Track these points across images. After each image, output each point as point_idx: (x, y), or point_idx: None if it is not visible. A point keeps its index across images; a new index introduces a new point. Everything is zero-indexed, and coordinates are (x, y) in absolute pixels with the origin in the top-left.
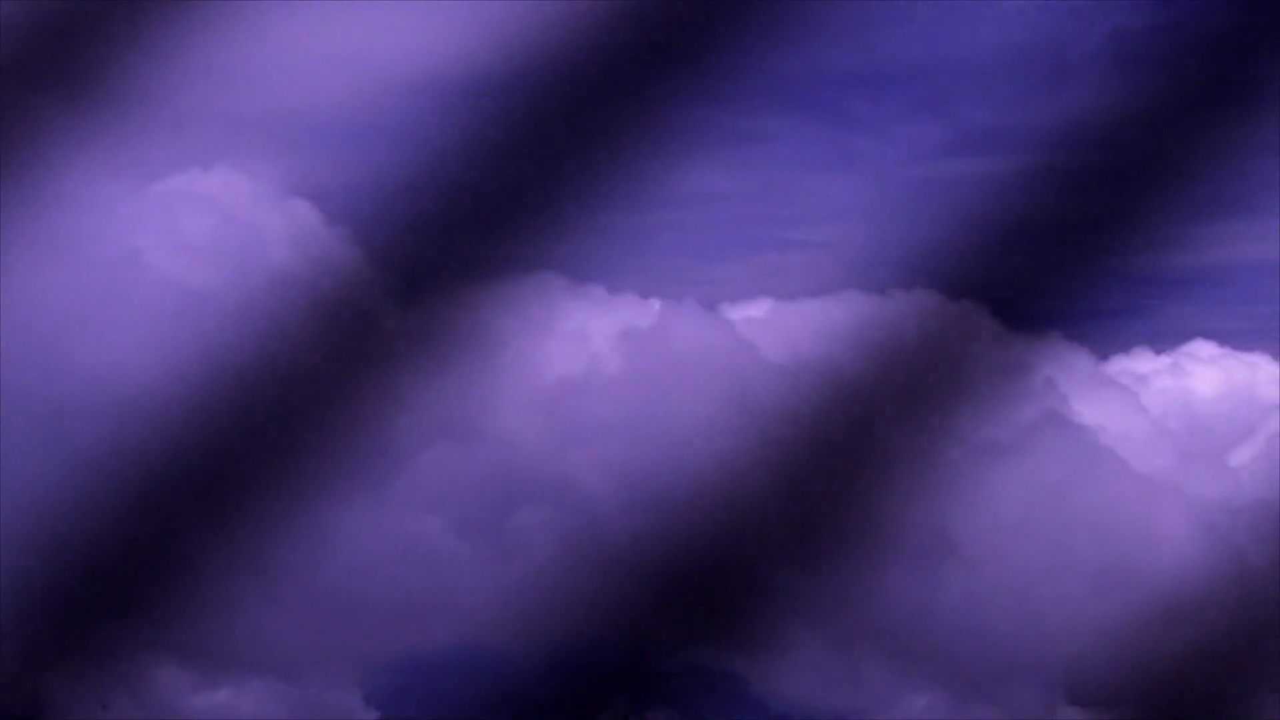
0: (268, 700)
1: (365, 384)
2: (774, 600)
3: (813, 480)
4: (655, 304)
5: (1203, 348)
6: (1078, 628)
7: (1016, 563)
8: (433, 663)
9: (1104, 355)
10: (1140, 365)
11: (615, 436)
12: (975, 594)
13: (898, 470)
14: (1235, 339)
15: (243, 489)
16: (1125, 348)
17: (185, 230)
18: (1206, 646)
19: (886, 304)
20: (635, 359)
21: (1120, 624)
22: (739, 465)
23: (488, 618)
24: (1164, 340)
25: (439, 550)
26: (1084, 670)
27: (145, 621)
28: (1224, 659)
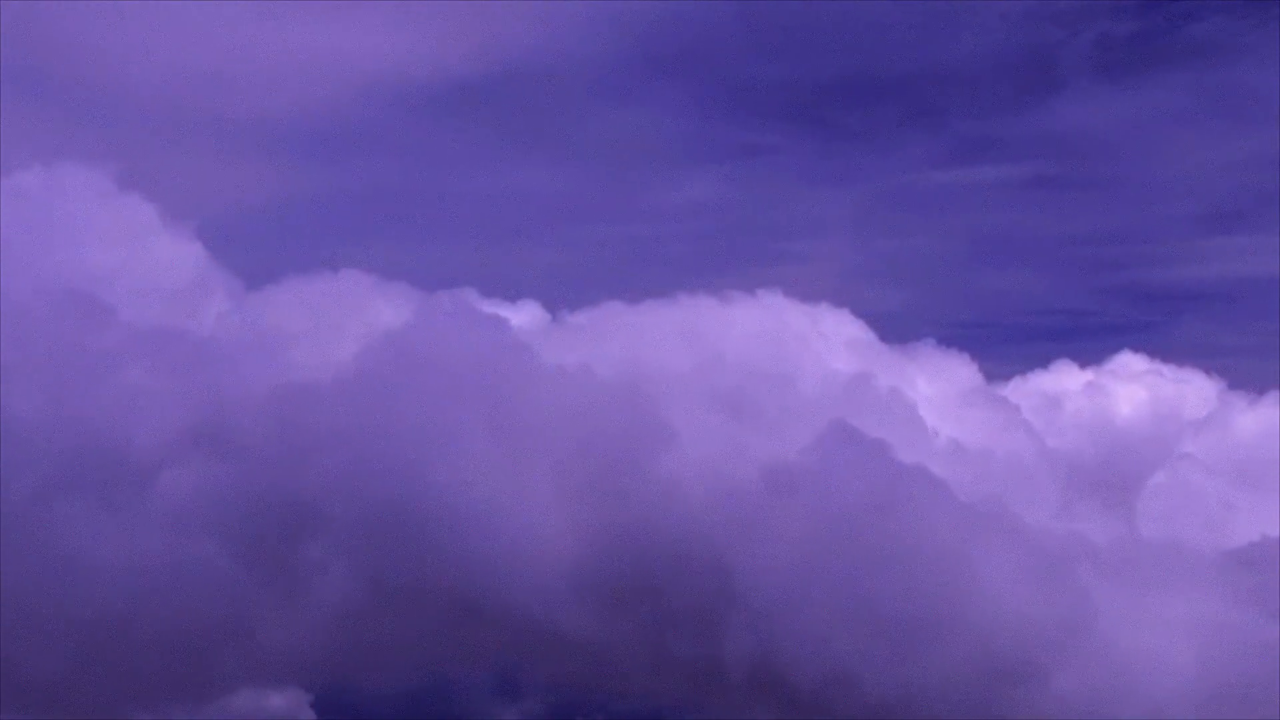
0: None
1: (105, 390)
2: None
3: (582, 496)
4: (414, 305)
5: (1131, 361)
6: (883, 686)
7: (811, 610)
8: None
9: (1024, 369)
10: (1063, 380)
11: (348, 444)
12: (765, 648)
13: (680, 492)
14: (1167, 353)
15: None
16: (1045, 361)
17: None
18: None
19: (723, 307)
20: (383, 362)
21: (929, 682)
22: (498, 474)
23: (298, 650)
24: (1089, 354)
25: (223, 576)
26: None
27: None
28: None
